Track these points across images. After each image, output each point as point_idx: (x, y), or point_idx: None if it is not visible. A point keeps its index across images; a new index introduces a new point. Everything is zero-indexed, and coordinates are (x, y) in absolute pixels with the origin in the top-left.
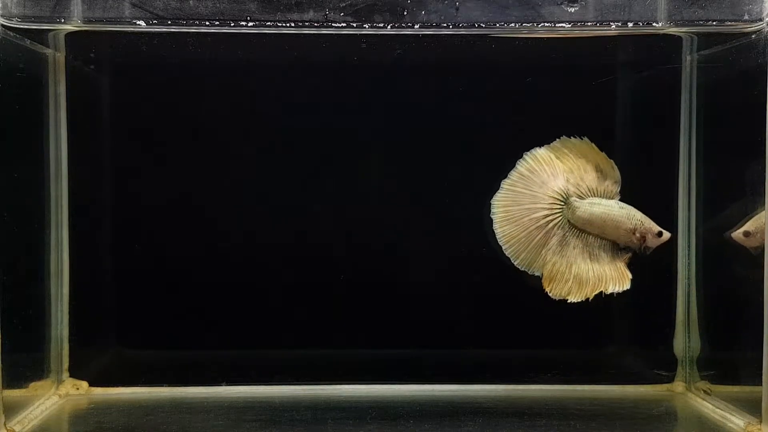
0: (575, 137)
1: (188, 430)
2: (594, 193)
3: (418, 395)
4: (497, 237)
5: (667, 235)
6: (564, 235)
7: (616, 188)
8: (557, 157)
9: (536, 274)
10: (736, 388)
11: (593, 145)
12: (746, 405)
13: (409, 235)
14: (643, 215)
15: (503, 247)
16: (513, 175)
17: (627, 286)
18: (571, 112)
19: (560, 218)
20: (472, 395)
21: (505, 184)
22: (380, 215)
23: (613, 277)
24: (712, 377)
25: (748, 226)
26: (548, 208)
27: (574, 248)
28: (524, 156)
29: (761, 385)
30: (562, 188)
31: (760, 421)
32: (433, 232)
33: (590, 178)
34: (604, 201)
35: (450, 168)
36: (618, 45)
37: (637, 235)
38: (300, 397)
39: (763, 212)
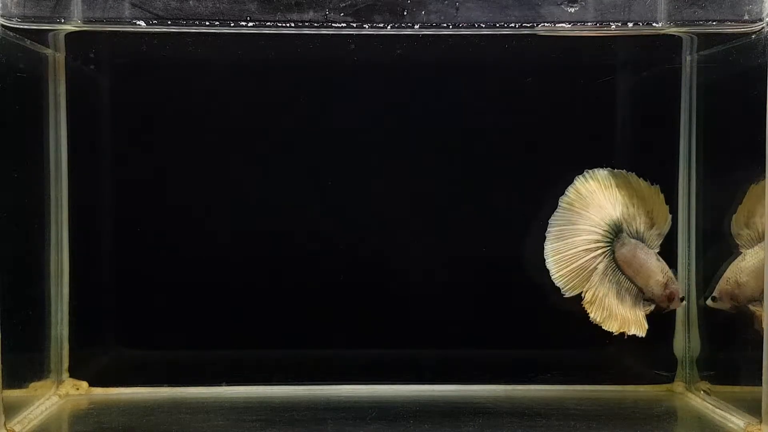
0: (643, 179)
1: (188, 430)
2: (639, 237)
3: (418, 395)
4: (545, 251)
5: (685, 302)
6: (607, 264)
7: (659, 241)
8: (616, 185)
9: (570, 294)
10: (736, 388)
11: (658, 191)
12: (746, 405)
13: (409, 235)
14: (673, 275)
15: (546, 261)
16: (570, 192)
17: (644, 333)
18: (570, 111)
19: (609, 248)
20: (472, 395)
21: (563, 202)
22: (380, 216)
23: (633, 321)
24: (712, 377)
25: (716, 291)
26: (602, 234)
27: (609, 281)
28: (584, 174)
29: (761, 385)
30: (618, 219)
31: (760, 421)
32: (432, 232)
33: (641, 221)
34: (647, 248)
35: (449, 168)
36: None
37: (668, 291)
38: (300, 397)
39: (728, 270)
